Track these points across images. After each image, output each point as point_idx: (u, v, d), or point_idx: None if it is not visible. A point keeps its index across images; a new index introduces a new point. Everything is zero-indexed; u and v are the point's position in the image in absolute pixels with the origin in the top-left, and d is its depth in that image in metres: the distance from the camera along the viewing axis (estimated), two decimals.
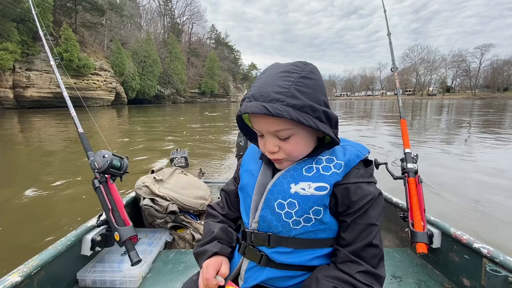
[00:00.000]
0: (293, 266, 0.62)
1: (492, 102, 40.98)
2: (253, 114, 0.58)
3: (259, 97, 0.56)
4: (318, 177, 0.60)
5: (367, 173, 0.62)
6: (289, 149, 0.60)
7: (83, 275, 1.10)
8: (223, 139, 8.33)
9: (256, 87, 0.58)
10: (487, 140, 7.30)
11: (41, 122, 14.02)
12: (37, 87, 27.50)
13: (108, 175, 1.15)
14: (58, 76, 1.42)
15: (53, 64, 1.43)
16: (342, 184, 0.59)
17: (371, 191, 0.59)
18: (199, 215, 1.68)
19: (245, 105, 0.57)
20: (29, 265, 0.89)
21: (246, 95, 0.60)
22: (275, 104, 0.53)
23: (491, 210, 2.87)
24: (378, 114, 18.07)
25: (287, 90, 0.54)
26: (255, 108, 0.54)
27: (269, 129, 0.58)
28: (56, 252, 0.99)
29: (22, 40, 25.30)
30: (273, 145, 0.60)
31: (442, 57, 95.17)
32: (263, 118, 0.57)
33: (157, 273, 1.18)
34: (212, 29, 79.07)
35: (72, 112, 1.36)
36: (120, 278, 1.10)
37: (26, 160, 5.56)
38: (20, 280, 0.83)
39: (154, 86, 44.88)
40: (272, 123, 0.57)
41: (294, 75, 0.56)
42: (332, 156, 0.61)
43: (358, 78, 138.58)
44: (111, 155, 1.12)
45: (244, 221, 0.69)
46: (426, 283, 1.11)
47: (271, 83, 0.56)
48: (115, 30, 41.63)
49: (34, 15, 1.49)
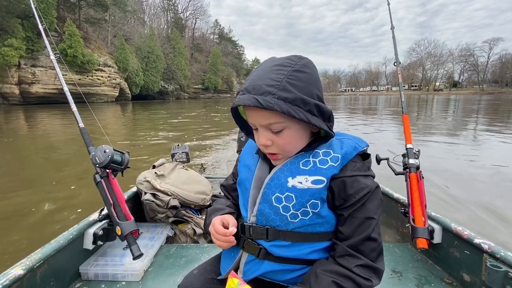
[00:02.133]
0: (291, 259, 0.63)
1: (501, 97, 40.14)
2: (247, 107, 0.59)
3: (252, 90, 0.56)
4: (315, 170, 0.60)
5: (364, 166, 0.61)
6: (282, 143, 0.60)
7: (86, 268, 1.11)
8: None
9: (250, 80, 0.58)
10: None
11: (53, 118, 14.17)
12: (42, 83, 27.76)
13: (110, 170, 1.15)
14: (58, 71, 1.42)
15: (53, 59, 1.43)
16: (338, 178, 0.59)
17: (368, 184, 0.59)
18: (200, 210, 1.69)
19: (238, 98, 0.58)
20: (31, 259, 0.90)
21: (240, 88, 0.61)
22: (267, 97, 0.54)
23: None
24: (382, 111, 17.81)
25: (279, 83, 0.55)
26: (247, 100, 0.55)
27: (262, 122, 0.59)
28: (59, 246, 1.00)
29: (26, 36, 25.47)
30: (266, 139, 0.60)
31: (450, 51, 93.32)
32: (256, 111, 0.58)
33: (158, 267, 1.19)
34: (215, 24, 78.64)
35: (73, 107, 1.37)
36: (122, 271, 1.11)
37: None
38: (23, 273, 0.84)
39: (157, 82, 44.98)
40: (264, 116, 0.57)
41: (287, 69, 0.56)
42: (329, 150, 0.61)
43: (363, 73, 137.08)
44: (112, 150, 1.13)
45: (243, 215, 0.70)
46: (426, 278, 1.11)
47: (264, 76, 0.57)
48: (118, 25, 41.65)
49: (33, 9, 1.49)
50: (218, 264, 0.75)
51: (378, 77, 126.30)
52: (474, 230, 1.05)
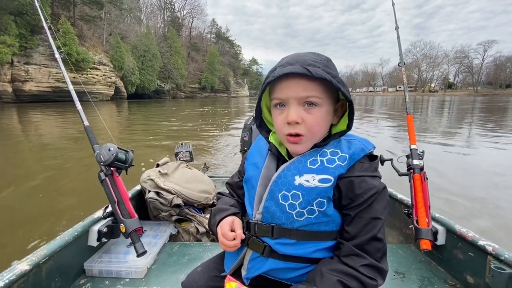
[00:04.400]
0: (295, 257, 0.63)
1: (494, 99, 40.92)
2: (284, 80, 0.59)
3: (295, 62, 0.58)
4: (322, 169, 0.60)
5: (371, 167, 0.62)
6: (312, 122, 0.60)
7: (90, 265, 1.11)
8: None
9: (290, 57, 0.61)
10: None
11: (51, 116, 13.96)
12: (36, 81, 27.36)
13: (114, 168, 1.15)
14: (63, 69, 1.41)
15: (58, 57, 1.42)
16: (346, 177, 0.59)
17: (376, 184, 0.59)
18: (203, 209, 1.69)
19: (280, 70, 0.58)
20: (37, 254, 0.90)
21: (276, 66, 0.61)
22: (314, 68, 0.56)
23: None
24: (379, 114, 18.00)
25: (321, 61, 0.59)
26: (294, 68, 0.56)
27: (300, 93, 0.58)
28: (64, 242, 1.00)
29: (20, 33, 25.06)
30: (297, 115, 0.59)
31: (445, 53, 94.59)
32: (297, 82, 0.58)
33: (161, 264, 1.19)
34: (212, 23, 78.40)
35: (78, 106, 1.36)
36: (126, 268, 1.11)
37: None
38: (29, 269, 0.85)
39: (154, 81, 44.63)
40: (306, 87, 0.58)
41: (322, 56, 0.62)
42: (337, 149, 0.62)
43: (360, 73, 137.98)
44: (117, 148, 1.12)
45: (248, 212, 0.70)
46: (429, 279, 1.10)
47: (304, 56, 0.60)
48: (114, 23, 41.21)
49: (37, 7, 1.48)
50: (222, 262, 0.76)
51: (374, 78, 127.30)
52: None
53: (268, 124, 0.72)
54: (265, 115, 0.71)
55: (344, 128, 0.64)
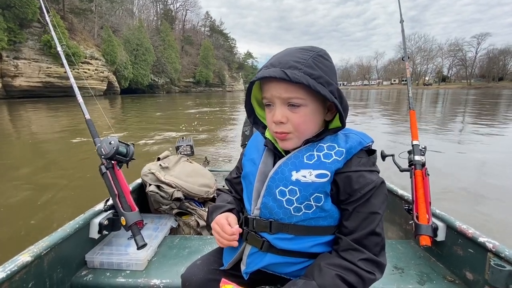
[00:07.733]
0: (294, 252, 0.64)
1: (487, 92, 41.45)
2: (267, 81, 0.60)
3: (278, 64, 0.57)
4: (319, 164, 0.60)
5: (369, 161, 0.62)
6: (297, 121, 0.60)
7: (91, 257, 1.12)
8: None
9: (275, 58, 0.60)
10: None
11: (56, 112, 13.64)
12: (26, 76, 26.65)
13: (115, 162, 1.15)
14: (65, 63, 1.40)
15: (60, 51, 1.40)
16: (343, 172, 0.59)
17: (374, 179, 0.60)
18: (203, 203, 1.70)
19: (262, 71, 0.58)
20: (39, 246, 0.90)
21: (263, 66, 0.62)
22: (294, 71, 0.55)
23: None
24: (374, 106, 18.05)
25: (305, 61, 0.57)
26: (273, 72, 0.56)
27: (282, 94, 0.59)
28: (65, 234, 1.00)
29: (8, 27, 24.23)
30: (282, 115, 0.60)
31: (439, 46, 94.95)
32: (279, 84, 0.58)
33: (162, 257, 1.20)
34: (206, 16, 77.07)
35: (79, 99, 1.34)
36: (127, 261, 1.12)
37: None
38: (30, 260, 0.85)
39: (147, 75, 43.95)
40: (287, 89, 0.58)
41: (312, 53, 0.59)
42: (334, 144, 0.62)
43: (354, 67, 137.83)
44: (117, 141, 1.12)
45: (247, 208, 0.70)
46: (428, 275, 1.09)
47: (290, 55, 0.59)
48: (105, 17, 40.21)
49: (41, 2, 1.45)
50: (221, 255, 0.76)
51: (369, 72, 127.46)
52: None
53: (263, 120, 0.71)
54: (259, 112, 0.71)
55: (338, 125, 0.63)
